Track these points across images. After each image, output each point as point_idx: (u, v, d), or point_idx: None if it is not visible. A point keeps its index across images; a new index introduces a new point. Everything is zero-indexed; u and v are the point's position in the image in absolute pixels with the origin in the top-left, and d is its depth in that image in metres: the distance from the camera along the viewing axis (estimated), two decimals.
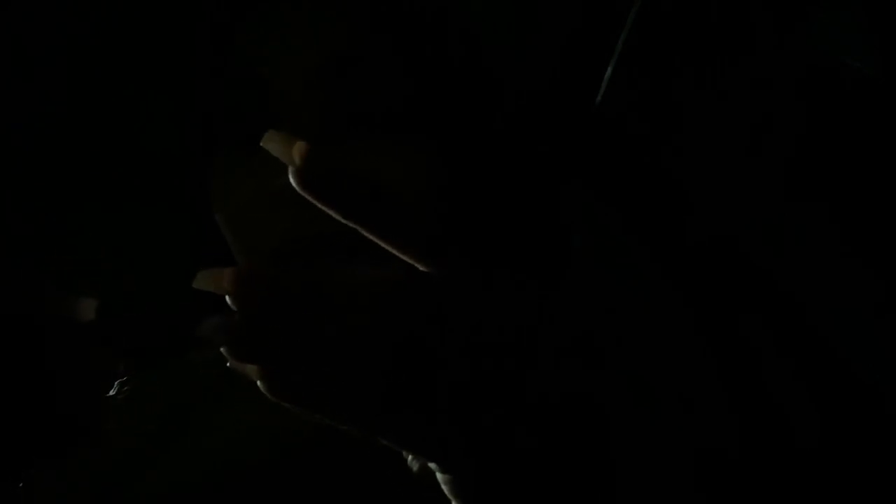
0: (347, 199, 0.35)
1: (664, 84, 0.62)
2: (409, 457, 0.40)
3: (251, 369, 0.36)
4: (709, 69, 0.62)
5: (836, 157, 0.59)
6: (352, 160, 0.35)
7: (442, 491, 0.39)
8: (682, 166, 0.62)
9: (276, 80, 0.52)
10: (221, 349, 0.35)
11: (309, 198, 0.34)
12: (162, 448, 0.52)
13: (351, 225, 0.35)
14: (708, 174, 0.61)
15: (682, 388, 0.54)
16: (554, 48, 0.65)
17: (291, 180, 0.34)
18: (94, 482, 0.50)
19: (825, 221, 0.59)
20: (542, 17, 0.66)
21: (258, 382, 0.36)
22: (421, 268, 0.35)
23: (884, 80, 0.59)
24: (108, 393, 0.56)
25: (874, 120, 0.59)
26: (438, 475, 0.38)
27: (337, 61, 0.52)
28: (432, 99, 0.54)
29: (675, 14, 0.62)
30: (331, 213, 0.35)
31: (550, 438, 0.37)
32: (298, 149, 0.34)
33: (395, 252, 0.36)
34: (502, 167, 0.59)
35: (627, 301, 0.57)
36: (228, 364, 0.36)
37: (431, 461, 0.38)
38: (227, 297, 0.35)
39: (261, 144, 0.35)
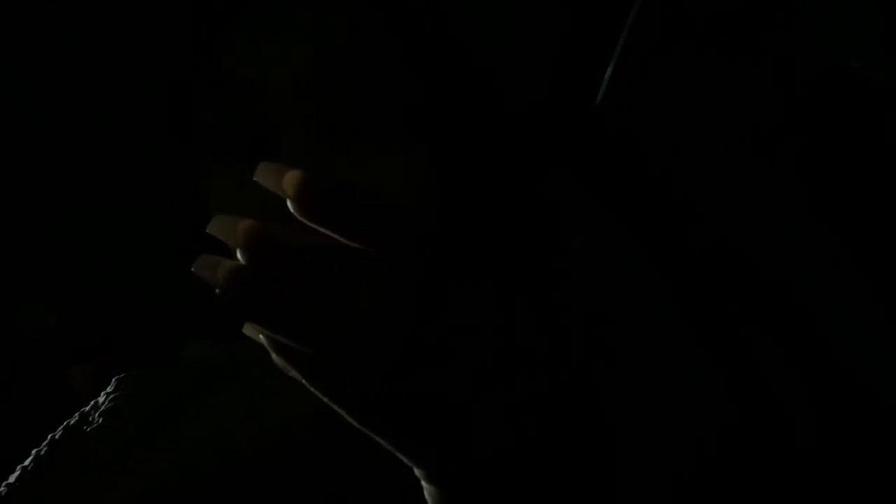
0: (346, 223, 0.35)
1: (664, 84, 0.62)
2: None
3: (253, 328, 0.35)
4: (708, 70, 0.62)
5: (838, 158, 0.59)
6: (347, 182, 0.35)
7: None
8: (682, 167, 0.61)
9: (267, 84, 0.51)
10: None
11: (309, 224, 0.34)
12: (148, 446, 0.50)
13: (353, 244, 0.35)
14: (707, 175, 0.61)
15: (681, 387, 0.54)
16: (553, 50, 0.65)
17: (290, 209, 0.34)
18: (81, 480, 0.49)
19: (824, 221, 0.59)
20: (542, 19, 0.66)
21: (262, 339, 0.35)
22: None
23: (884, 80, 0.59)
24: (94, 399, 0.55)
25: (875, 120, 0.59)
26: (424, 485, 0.37)
27: (328, 65, 0.51)
28: (429, 104, 0.54)
29: (674, 15, 0.63)
30: (332, 235, 0.35)
31: (539, 444, 0.36)
32: (290, 179, 0.34)
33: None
34: (497, 172, 0.58)
35: (626, 301, 0.57)
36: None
37: (416, 465, 0.36)
38: (237, 251, 0.34)
39: (254, 179, 0.35)
